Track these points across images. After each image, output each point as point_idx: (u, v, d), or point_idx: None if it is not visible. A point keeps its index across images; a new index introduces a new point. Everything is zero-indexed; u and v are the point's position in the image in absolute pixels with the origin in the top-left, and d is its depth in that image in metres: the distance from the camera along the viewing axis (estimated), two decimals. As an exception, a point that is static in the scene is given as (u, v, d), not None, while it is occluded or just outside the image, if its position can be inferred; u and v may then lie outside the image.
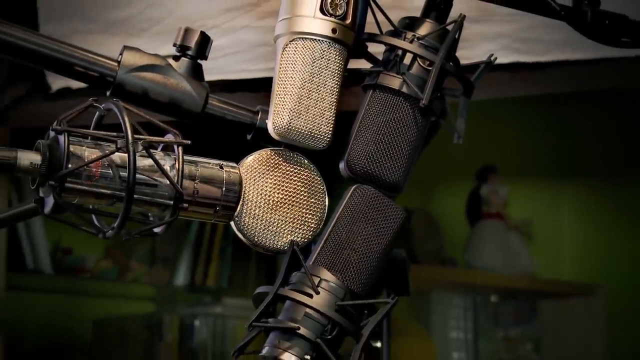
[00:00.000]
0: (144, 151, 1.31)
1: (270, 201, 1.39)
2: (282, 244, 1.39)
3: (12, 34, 1.38)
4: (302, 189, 1.41)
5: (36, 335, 3.56)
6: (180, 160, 1.33)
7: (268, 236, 1.39)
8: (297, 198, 1.40)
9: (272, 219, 1.39)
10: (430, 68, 1.37)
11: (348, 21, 1.39)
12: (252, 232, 1.38)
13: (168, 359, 3.61)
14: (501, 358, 4.43)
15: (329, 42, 1.38)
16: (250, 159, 1.40)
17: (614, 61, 2.52)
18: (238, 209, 1.38)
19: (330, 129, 1.38)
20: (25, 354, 3.44)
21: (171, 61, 1.41)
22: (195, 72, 1.42)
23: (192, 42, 1.42)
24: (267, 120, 1.39)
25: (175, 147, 1.33)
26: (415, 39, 1.38)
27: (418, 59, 1.38)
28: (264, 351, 1.30)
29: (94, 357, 3.64)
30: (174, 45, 1.42)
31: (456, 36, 1.39)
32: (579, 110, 4.68)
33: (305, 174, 1.41)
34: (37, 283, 3.44)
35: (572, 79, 2.63)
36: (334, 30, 1.38)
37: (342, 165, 1.38)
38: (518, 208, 4.56)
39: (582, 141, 4.75)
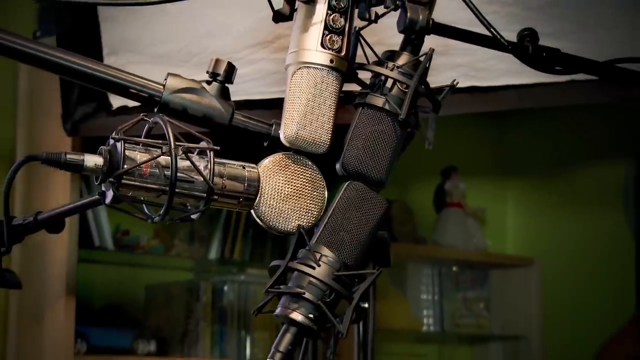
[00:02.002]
0: (183, 155, 1.31)
1: (282, 194, 1.38)
2: (291, 227, 1.37)
3: (83, 64, 1.38)
4: (307, 184, 1.39)
5: (101, 298, 3.54)
6: (212, 162, 1.32)
7: (280, 221, 1.38)
8: (303, 191, 1.39)
9: (283, 208, 1.38)
10: (406, 90, 1.36)
11: (343, 53, 1.37)
12: (268, 218, 1.37)
13: (203, 316, 3.59)
14: (460, 314, 4.40)
15: (328, 70, 1.37)
16: (266, 161, 1.39)
17: (549, 85, 2.50)
18: (257, 200, 1.37)
19: (329, 137, 1.37)
20: (93, 312, 3.42)
21: (205, 85, 1.40)
22: (224, 94, 1.41)
23: (221, 70, 1.41)
24: (279, 131, 1.38)
25: (208, 151, 1.32)
26: (395, 68, 1.37)
27: (397, 83, 1.36)
28: (277, 311, 1.30)
29: (146, 315, 3.62)
30: (207, 72, 1.40)
31: (427, 65, 1.37)
32: (521, 123, 4.67)
33: (309, 172, 1.40)
34: (101, 257, 3.42)
35: (516, 99, 2.61)
36: (331, 61, 1.36)
37: (338, 166, 1.37)
38: (473, 199, 4.54)
39: (522, 147, 4.74)
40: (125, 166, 1.28)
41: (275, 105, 1.45)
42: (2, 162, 3.30)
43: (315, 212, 1.39)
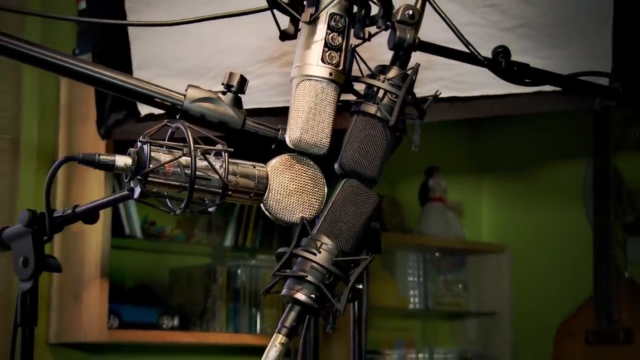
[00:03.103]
0: (201, 156, 1.30)
1: (287, 190, 1.37)
2: (296, 219, 1.37)
3: (115, 77, 1.38)
4: (309, 181, 1.39)
5: (131, 280, 3.54)
6: (226, 162, 1.32)
7: (286, 214, 1.37)
8: (306, 188, 1.38)
9: (288, 202, 1.37)
10: (396, 100, 1.35)
11: (340, 67, 1.37)
12: (275, 211, 1.37)
13: (219, 296, 3.58)
14: (442, 294, 4.40)
15: (327, 82, 1.36)
16: (274, 161, 1.38)
17: (519, 95, 2.49)
18: (265, 195, 1.36)
19: (328, 141, 1.37)
20: (124, 292, 3.42)
21: (220, 95, 1.39)
22: (237, 103, 1.40)
23: (235, 82, 1.40)
24: (285, 135, 1.37)
25: (223, 153, 1.32)
26: (386, 80, 1.36)
27: (388, 93, 1.36)
28: (283, 292, 1.30)
29: (170, 295, 3.62)
30: (222, 84, 1.39)
31: (413, 78, 1.36)
32: (494, 128, 4.66)
33: (311, 171, 1.39)
34: (131, 244, 3.41)
35: (490, 108, 2.60)
36: (330, 74, 1.36)
37: (336, 166, 1.37)
38: (453, 194, 4.54)
39: (495, 149, 4.73)
40: (151, 166, 1.28)
41: (281, 113, 1.44)
42: (46, 163, 3.29)
43: (316, 206, 1.39)
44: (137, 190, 1.30)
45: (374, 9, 1.41)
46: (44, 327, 3.26)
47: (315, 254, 1.28)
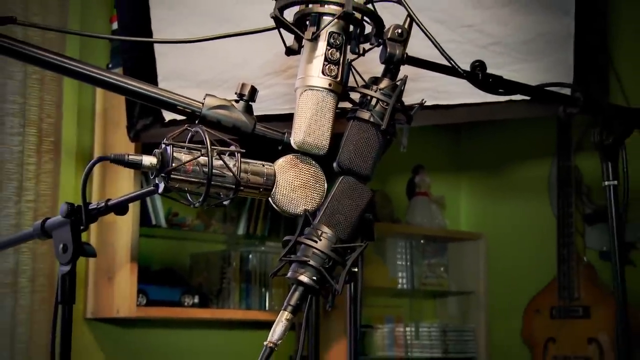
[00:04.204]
0: (217, 156, 1.30)
1: (292, 185, 1.36)
2: (299, 211, 1.36)
3: (143, 87, 1.37)
4: (311, 178, 1.38)
5: (157, 264, 3.53)
6: (239, 161, 1.31)
7: (291, 206, 1.36)
8: (308, 183, 1.38)
9: (293, 196, 1.36)
10: (387, 107, 1.35)
11: (338, 79, 1.36)
12: (281, 204, 1.36)
13: (233, 277, 3.57)
14: (426, 276, 4.38)
15: (327, 91, 1.35)
16: (280, 160, 1.37)
17: (494, 103, 2.48)
18: (273, 190, 1.35)
19: (328, 142, 1.36)
20: (150, 274, 3.40)
21: (234, 103, 1.39)
22: (248, 110, 1.39)
23: (246, 91, 1.40)
24: (290, 138, 1.36)
25: (236, 153, 1.31)
26: (378, 90, 1.36)
27: (379, 101, 1.35)
28: (289, 274, 1.30)
29: (191, 276, 3.61)
30: (236, 94, 1.38)
31: (402, 88, 1.35)
32: (472, 132, 4.65)
33: (313, 169, 1.39)
34: (157, 233, 3.40)
35: (468, 114, 2.59)
36: (329, 85, 1.35)
37: (334, 164, 1.36)
38: (436, 189, 4.52)
39: (472, 150, 4.72)
40: (173, 164, 1.28)
41: (287, 119, 1.43)
42: (83, 162, 3.28)
43: (317, 199, 1.38)
44: (161, 186, 1.30)
45: (368, 28, 1.41)
46: (81, 304, 3.25)
47: (316, 242, 1.28)
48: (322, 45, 1.36)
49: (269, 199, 1.37)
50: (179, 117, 1.43)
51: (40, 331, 2.98)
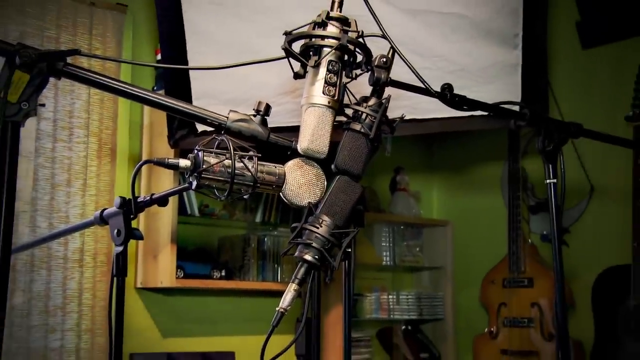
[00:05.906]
0: (239, 159, 1.28)
1: (299, 183, 1.35)
2: (304, 203, 1.36)
3: (180, 105, 1.37)
4: (314, 177, 1.37)
5: (192, 245, 3.52)
6: (256, 163, 1.30)
7: (297, 200, 1.36)
8: (311, 181, 1.37)
9: (299, 191, 1.35)
10: (374, 120, 1.34)
11: (336, 98, 1.36)
12: (290, 198, 1.35)
13: (252, 255, 3.56)
14: (405, 254, 4.37)
15: (327, 108, 1.34)
16: (289, 163, 1.36)
17: (459, 117, 2.48)
18: (283, 187, 1.33)
19: (327, 149, 1.35)
20: (187, 253, 3.39)
21: (252, 117, 1.37)
22: (264, 123, 1.38)
23: (262, 108, 1.39)
24: (297, 145, 1.34)
25: (254, 157, 1.30)
26: (367, 106, 1.35)
27: (368, 116, 1.34)
28: (296, 254, 1.29)
29: (219, 255, 3.60)
30: (254, 110, 1.38)
31: (386, 105, 1.34)
32: (442, 141, 4.63)
33: (315, 170, 1.38)
34: (192, 220, 3.39)
35: (439, 126, 2.58)
36: (329, 102, 1.34)
37: (332, 166, 1.35)
38: (413, 186, 4.51)
39: (442, 155, 4.70)
40: (204, 166, 1.27)
41: (294, 130, 1.42)
42: (133, 164, 3.28)
43: (319, 194, 1.37)
44: (195, 183, 1.29)
45: (359, 57, 1.40)
46: (132, 277, 3.24)
47: (318, 228, 1.28)
48: (322, 71, 1.35)
49: (280, 193, 1.36)
50: (209, 129, 1.42)
51: (101, 297, 3.00)
